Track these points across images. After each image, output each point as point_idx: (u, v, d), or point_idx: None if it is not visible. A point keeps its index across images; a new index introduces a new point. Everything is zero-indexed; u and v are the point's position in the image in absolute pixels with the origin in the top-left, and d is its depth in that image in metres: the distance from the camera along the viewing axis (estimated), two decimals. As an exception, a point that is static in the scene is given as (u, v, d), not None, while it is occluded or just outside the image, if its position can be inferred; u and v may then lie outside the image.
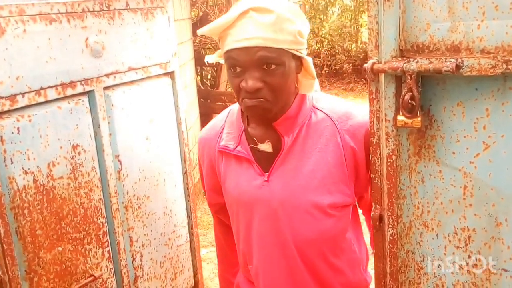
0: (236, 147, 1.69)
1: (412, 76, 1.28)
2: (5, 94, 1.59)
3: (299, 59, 1.58)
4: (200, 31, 1.61)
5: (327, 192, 1.63)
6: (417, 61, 1.28)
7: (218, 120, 1.85)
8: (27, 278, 1.70)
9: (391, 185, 1.44)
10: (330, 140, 1.63)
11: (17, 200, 1.64)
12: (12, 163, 1.62)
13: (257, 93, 1.50)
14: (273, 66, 1.49)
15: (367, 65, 1.36)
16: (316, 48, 13.36)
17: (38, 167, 1.70)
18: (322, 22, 13.38)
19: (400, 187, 1.45)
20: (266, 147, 1.66)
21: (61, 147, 1.76)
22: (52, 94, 1.73)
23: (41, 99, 1.70)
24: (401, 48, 1.34)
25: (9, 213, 1.63)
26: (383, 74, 1.37)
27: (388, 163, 1.42)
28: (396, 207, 1.46)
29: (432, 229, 1.45)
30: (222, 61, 1.65)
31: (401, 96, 1.32)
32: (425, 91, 1.34)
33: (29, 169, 1.67)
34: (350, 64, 12.41)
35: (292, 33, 1.50)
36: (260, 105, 1.52)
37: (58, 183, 1.76)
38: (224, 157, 1.76)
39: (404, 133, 1.41)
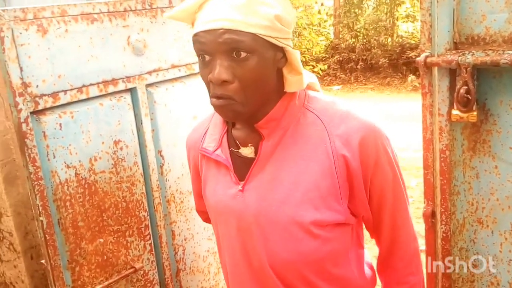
0: (215, 150, 1.33)
1: (468, 69, 1.15)
2: (47, 92, 1.50)
3: (281, 51, 1.20)
4: (166, 15, 1.28)
5: (312, 208, 1.23)
6: (473, 54, 1.15)
7: (204, 120, 1.49)
8: (69, 267, 1.62)
9: (445, 181, 1.30)
10: (319, 146, 1.23)
11: (59, 193, 1.56)
12: (54, 157, 1.53)
13: (225, 88, 1.15)
14: (243, 54, 1.12)
15: (420, 59, 1.24)
16: (351, 42, 12.59)
17: (80, 161, 1.60)
18: (357, 16, 12.57)
19: (454, 183, 1.32)
20: (247, 152, 1.29)
21: (103, 143, 1.66)
22: (94, 91, 1.62)
23: (83, 96, 1.59)
24: (455, 40, 1.21)
25: (51, 205, 1.55)
26: (436, 67, 1.24)
27: (442, 159, 1.29)
28: (450, 204, 1.32)
29: (487, 226, 1.31)
30: None
31: (456, 90, 1.19)
32: (480, 84, 1.21)
33: (71, 163, 1.58)
34: (386, 59, 11.62)
35: (267, 17, 1.14)
36: (228, 106, 1.17)
37: (100, 177, 1.66)
38: (205, 160, 1.41)
39: (458, 128, 1.28)
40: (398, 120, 7.68)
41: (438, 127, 1.27)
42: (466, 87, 1.16)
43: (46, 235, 1.53)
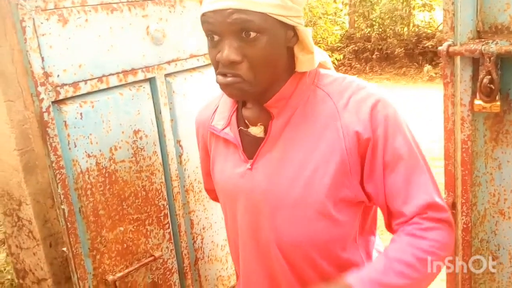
0: (224, 128, 1.30)
1: (491, 58, 1.14)
2: (68, 81, 1.52)
3: (292, 29, 1.15)
4: None
5: (321, 186, 1.18)
6: (496, 43, 1.13)
7: (214, 98, 1.45)
8: (90, 255, 1.63)
9: (466, 172, 1.29)
10: (328, 124, 1.17)
11: (81, 181, 1.57)
12: (75, 146, 1.55)
13: (233, 67, 1.10)
14: (252, 34, 1.08)
15: (442, 48, 1.23)
16: (367, 32, 12.46)
17: (100, 150, 1.61)
18: (372, 5, 12.35)
19: (475, 173, 1.31)
20: (257, 131, 1.25)
21: (122, 132, 1.67)
22: (113, 81, 1.63)
23: (103, 86, 1.60)
24: (478, 29, 1.19)
25: (73, 194, 1.57)
26: (458, 56, 1.23)
27: (463, 149, 1.28)
28: (471, 195, 1.32)
29: (509, 217, 1.30)
30: None
31: (479, 80, 1.18)
32: (504, 74, 1.19)
33: (91, 152, 1.59)
34: (402, 48, 11.51)
35: None
36: (235, 84, 1.12)
37: (120, 166, 1.67)
38: (214, 138, 1.37)
39: (481, 118, 1.27)
40: (415, 111, 7.62)
41: (460, 117, 1.26)
42: (490, 76, 1.15)
43: (68, 223, 1.55)
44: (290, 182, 1.20)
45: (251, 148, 1.25)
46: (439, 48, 1.24)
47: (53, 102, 1.48)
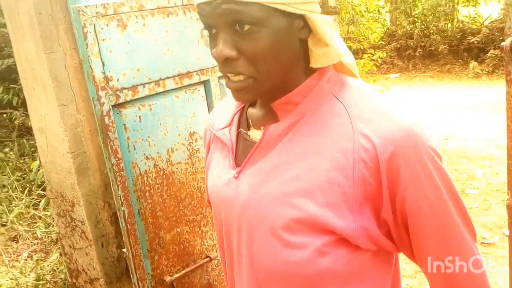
0: (223, 128, 1.14)
1: None
2: (127, 85, 1.56)
3: (301, 19, 0.96)
4: None
5: (309, 210, 0.97)
6: None
7: (224, 100, 1.28)
8: (149, 256, 1.68)
9: None
10: (338, 143, 0.96)
11: (139, 183, 1.62)
12: (134, 149, 1.59)
13: (230, 64, 0.94)
14: (246, 27, 0.92)
15: (506, 44, 1.20)
16: (409, 29, 12.35)
17: (158, 153, 1.66)
18: (414, 2, 12.25)
19: None
20: (257, 135, 1.07)
21: (179, 134, 1.71)
22: (170, 84, 1.67)
23: (160, 89, 1.65)
24: None
25: (132, 196, 1.62)
26: None
27: None
28: None
29: None
30: None
31: None
32: None
33: (150, 155, 1.64)
34: (446, 45, 11.29)
35: None
36: (245, 88, 0.96)
37: (177, 168, 1.72)
38: (214, 139, 1.20)
39: None
40: (460, 109, 7.49)
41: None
42: (556, 73, 1.13)
43: (128, 225, 1.59)
44: (273, 199, 1.00)
45: (246, 152, 1.08)
46: (502, 44, 1.22)
47: (113, 106, 1.53)
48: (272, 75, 0.96)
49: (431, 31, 11.72)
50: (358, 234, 0.96)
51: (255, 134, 1.07)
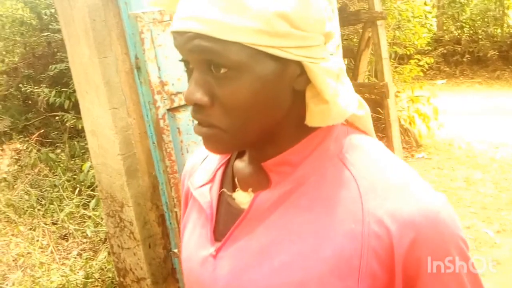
0: (203, 185, 0.91)
1: None
2: (181, 90, 1.60)
3: (298, 65, 0.73)
4: (150, 2, 0.83)
5: None
6: None
7: None
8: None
9: None
10: (344, 222, 0.74)
11: (191, 186, 1.65)
12: (188, 152, 1.63)
13: (202, 112, 0.74)
14: (223, 70, 0.71)
15: None
16: (456, 34, 12.10)
17: (209, 156, 1.69)
18: (462, 6, 11.95)
19: None
20: (243, 199, 0.84)
21: (230, 138, 1.74)
22: (222, 89, 1.70)
23: (213, 94, 1.68)
24: None
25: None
26: None
27: None
28: None
29: None
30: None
31: None
32: None
33: (201, 158, 1.67)
34: (496, 50, 11.01)
35: (261, 16, 0.68)
36: (212, 138, 0.76)
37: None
38: (192, 196, 0.96)
39: None
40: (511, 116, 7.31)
41: None
42: None
43: (180, 226, 1.62)
44: None
45: (229, 223, 0.85)
46: None
47: (168, 110, 1.58)
48: (251, 131, 0.76)
49: (480, 37, 11.50)
50: None
51: (241, 198, 0.85)
